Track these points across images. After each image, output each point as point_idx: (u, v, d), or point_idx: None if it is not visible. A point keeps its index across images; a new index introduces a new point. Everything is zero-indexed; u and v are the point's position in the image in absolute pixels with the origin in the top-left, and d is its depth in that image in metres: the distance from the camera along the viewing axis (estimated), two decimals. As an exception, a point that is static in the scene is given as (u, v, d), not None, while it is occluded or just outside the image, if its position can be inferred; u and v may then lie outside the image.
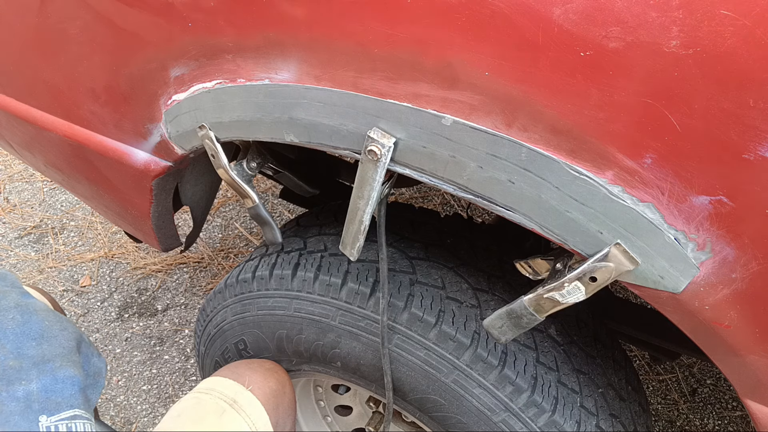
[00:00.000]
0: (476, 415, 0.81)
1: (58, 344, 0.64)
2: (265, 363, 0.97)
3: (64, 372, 0.62)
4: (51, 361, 0.62)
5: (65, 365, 0.63)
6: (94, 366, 0.69)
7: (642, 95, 0.45)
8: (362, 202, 0.65)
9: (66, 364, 0.63)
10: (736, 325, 0.53)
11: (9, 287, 0.68)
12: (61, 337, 0.65)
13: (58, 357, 0.63)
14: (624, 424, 0.85)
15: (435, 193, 2.43)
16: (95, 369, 0.69)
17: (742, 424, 1.63)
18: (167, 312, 1.96)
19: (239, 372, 0.92)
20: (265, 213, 0.84)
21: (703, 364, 1.79)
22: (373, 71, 0.56)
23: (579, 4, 0.44)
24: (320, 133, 0.63)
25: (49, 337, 0.64)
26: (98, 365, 0.70)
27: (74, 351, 0.65)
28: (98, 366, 0.70)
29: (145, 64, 0.74)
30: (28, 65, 0.89)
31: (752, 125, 0.43)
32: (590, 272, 0.55)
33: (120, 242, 2.24)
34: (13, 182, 2.60)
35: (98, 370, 0.69)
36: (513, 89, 0.50)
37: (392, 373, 0.86)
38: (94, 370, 0.69)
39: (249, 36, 0.62)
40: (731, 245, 0.49)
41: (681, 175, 0.47)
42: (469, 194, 0.58)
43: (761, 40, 0.40)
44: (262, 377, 0.91)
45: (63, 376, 0.61)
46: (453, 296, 0.85)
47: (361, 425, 1.24)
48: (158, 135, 0.81)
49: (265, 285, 0.95)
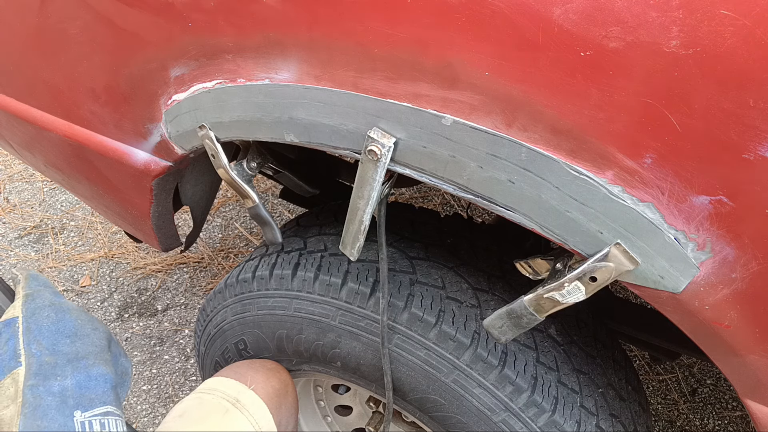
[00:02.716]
0: (476, 415, 0.81)
1: (90, 342, 0.65)
2: (267, 363, 0.97)
3: (97, 369, 0.63)
4: (84, 359, 0.63)
5: (98, 363, 0.64)
6: (122, 366, 0.70)
7: (642, 95, 0.45)
8: (362, 202, 0.65)
9: (98, 362, 0.64)
10: (736, 325, 0.53)
11: (42, 287, 0.69)
12: (94, 336, 0.66)
13: (91, 354, 0.64)
14: (624, 424, 0.85)
15: (435, 193, 2.43)
16: (123, 368, 0.70)
17: (742, 424, 1.63)
18: (167, 312, 1.96)
19: (241, 372, 0.92)
20: (265, 213, 0.84)
21: (703, 364, 1.79)
22: (373, 71, 0.56)
23: (579, 4, 0.44)
24: (320, 133, 0.63)
25: (82, 335, 0.65)
26: (125, 365, 0.71)
27: (106, 349, 0.67)
28: (125, 366, 0.71)
29: (145, 64, 0.74)
30: (28, 65, 0.89)
31: (752, 125, 0.43)
32: (590, 272, 0.55)
33: (120, 242, 2.24)
34: (13, 182, 2.60)
35: (125, 369, 0.71)
36: (513, 89, 0.50)
37: (392, 373, 0.86)
38: (122, 369, 0.70)
39: (249, 36, 0.62)
40: (731, 245, 0.49)
41: (681, 175, 0.47)
42: (469, 194, 0.58)
43: (761, 40, 0.40)
44: (265, 377, 0.92)
45: (96, 373, 0.62)
46: (453, 296, 0.85)
47: (361, 425, 1.23)
48: (158, 135, 0.81)
49: (265, 285, 0.95)
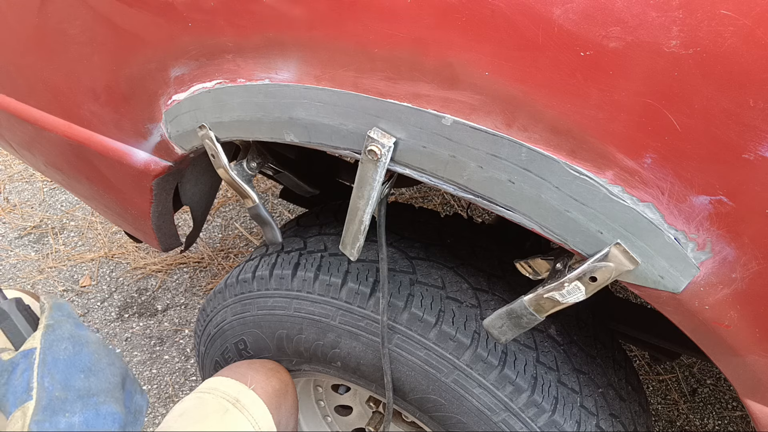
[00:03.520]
0: (476, 415, 0.81)
1: (105, 379, 0.64)
2: (267, 363, 0.97)
3: (107, 408, 0.62)
4: (96, 396, 0.62)
5: (108, 401, 0.63)
6: (136, 403, 0.69)
7: (642, 95, 0.45)
8: (362, 202, 0.65)
9: (109, 400, 0.63)
10: (736, 325, 0.53)
11: (65, 317, 0.68)
12: (108, 372, 0.65)
13: (102, 392, 0.63)
14: (624, 424, 0.85)
15: (435, 193, 2.43)
16: (137, 406, 0.69)
17: (742, 424, 1.63)
18: (167, 312, 1.96)
19: (241, 372, 0.92)
20: (265, 213, 0.84)
21: (703, 364, 1.79)
22: (373, 71, 0.56)
23: (579, 4, 0.44)
24: (320, 133, 0.63)
25: (96, 370, 0.64)
26: (140, 402, 0.70)
27: (119, 387, 0.66)
28: (140, 404, 0.70)
29: (145, 64, 0.74)
30: (28, 65, 0.89)
31: (752, 125, 0.43)
32: (590, 272, 0.55)
33: (120, 242, 2.24)
34: (13, 182, 2.60)
35: (140, 407, 0.70)
36: (513, 89, 0.50)
37: (392, 373, 0.86)
38: (136, 407, 0.69)
39: (249, 36, 0.62)
40: (731, 245, 0.49)
41: (681, 175, 0.47)
42: (469, 194, 0.58)
43: (761, 40, 0.40)
44: (265, 377, 0.91)
45: (105, 411, 0.61)
46: (453, 296, 0.85)
47: (361, 425, 1.23)
48: (158, 135, 0.81)
49: (265, 285, 0.95)
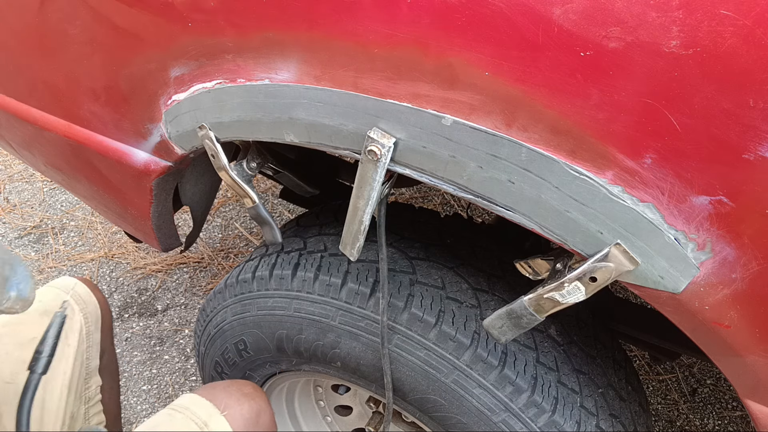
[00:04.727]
0: (476, 415, 0.81)
1: None
2: (244, 387, 0.96)
3: None
4: None
5: None
6: None
7: (642, 95, 0.45)
8: (362, 202, 0.65)
9: None
10: (736, 325, 0.53)
11: None
12: None
13: None
14: (624, 424, 0.85)
15: (435, 193, 2.43)
16: None
17: (742, 424, 1.63)
18: (167, 312, 1.96)
19: (216, 394, 0.92)
20: (265, 213, 0.84)
21: (703, 364, 1.79)
22: (373, 71, 0.56)
23: (579, 4, 0.44)
24: (320, 133, 0.63)
25: None
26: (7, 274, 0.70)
27: None
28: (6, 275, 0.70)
29: (144, 64, 0.74)
30: (28, 65, 0.89)
31: (752, 125, 0.43)
32: (590, 272, 0.55)
33: (120, 242, 2.24)
34: (13, 182, 2.60)
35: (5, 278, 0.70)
36: (513, 89, 0.50)
37: (392, 373, 0.86)
38: None
39: (249, 36, 0.62)
40: (731, 245, 0.49)
41: (681, 175, 0.47)
42: (469, 194, 0.58)
43: (761, 40, 0.40)
44: (237, 402, 0.91)
45: None
46: (453, 296, 0.85)
47: (361, 425, 1.24)
48: (158, 135, 0.81)
49: (265, 285, 0.95)
